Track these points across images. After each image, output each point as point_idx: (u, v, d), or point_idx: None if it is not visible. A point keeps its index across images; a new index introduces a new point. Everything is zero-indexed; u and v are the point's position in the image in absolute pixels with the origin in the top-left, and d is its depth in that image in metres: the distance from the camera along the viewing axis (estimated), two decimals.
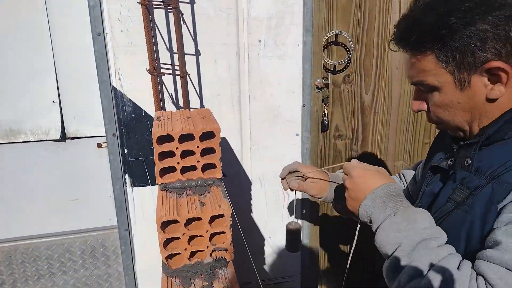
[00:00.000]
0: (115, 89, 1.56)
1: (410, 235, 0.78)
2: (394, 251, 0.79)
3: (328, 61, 1.85)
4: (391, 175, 0.99)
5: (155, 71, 1.45)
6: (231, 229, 1.03)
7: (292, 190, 1.22)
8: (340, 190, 1.14)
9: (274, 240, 1.95)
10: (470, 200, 0.79)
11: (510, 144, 0.79)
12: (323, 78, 1.83)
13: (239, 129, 1.73)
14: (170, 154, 1.12)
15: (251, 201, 1.82)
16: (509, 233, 0.69)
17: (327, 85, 1.89)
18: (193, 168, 1.15)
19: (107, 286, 1.93)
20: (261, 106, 1.71)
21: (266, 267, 1.99)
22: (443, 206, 0.86)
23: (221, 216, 1.02)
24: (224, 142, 1.73)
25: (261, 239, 1.93)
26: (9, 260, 1.77)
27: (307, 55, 1.69)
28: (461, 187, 0.83)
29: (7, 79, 1.55)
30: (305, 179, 1.20)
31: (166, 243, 1.02)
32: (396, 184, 0.89)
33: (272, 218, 1.90)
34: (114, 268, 1.91)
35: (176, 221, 1.00)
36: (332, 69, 1.90)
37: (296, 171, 1.21)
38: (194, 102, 1.65)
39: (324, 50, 1.83)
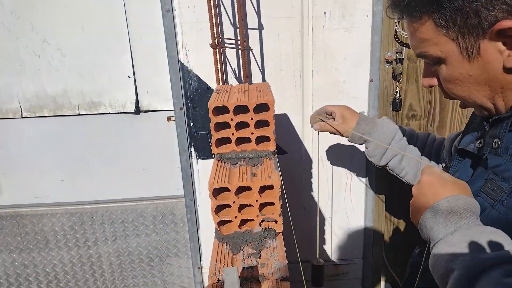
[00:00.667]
0: (182, 64, 1.63)
1: (466, 260, 0.60)
2: (447, 281, 0.63)
3: (403, 33, 1.72)
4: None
5: (217, 45, 1.48)
6: (280, 200, 1.03)
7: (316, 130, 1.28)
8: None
9: (335, 221, 1.91)
10: (511, 202, 0.64)
11: None
12: (396, 52, 1.71)
13: (301, 106, 1.70)
14: (226, 125, 1.14)
15: (312, 180, 1.79)
16: None
17: (401, 60, 1.76)
18: (247, 140, 1.16)
19: (175, 251, 2.07)
20: (324, 82, 1.66)
21: (326, 248, 1.97)
22: (475, 199, 0.72)
23: (271, 187, 1.02)
24: (285, 119, 1.72)
25: (322, 219, 1.90)
26: (91, 220, 1.98)
27: (376, 26, 1.59)
28: (494, 178, 0.69)
29: (88, 56, 1.70)
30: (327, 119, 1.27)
31: (218, 209, 1.06)
32: (468, 198, 0.69)
33: (334, 198, 1.86)
34: (181, 235, 2.03)
35: (228, 190, 1.03)
36: (408, 42, 1.77)
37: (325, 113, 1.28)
38: (257, 77, 1.65)
39: (398, 21, 1.70)
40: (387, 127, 1.20)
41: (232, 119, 1.13)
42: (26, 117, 1.78)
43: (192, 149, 1.76)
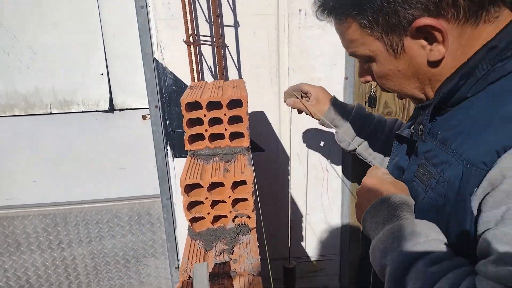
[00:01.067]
0: (157, 61, 1.61)
1: (395, 256, 0.65)
2: (384, 276, 0.68)
3: None
4: None
5: (191, 42, 1.47)
6: (253, 196, 1.03)
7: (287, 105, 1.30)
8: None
9: (312, 217, 1.92)
10: (440, 188, 0.67)
11: (476, 103, 0.67)
12: None
13: (278, 103, 1.70)
14: (200, 121, 1.13)
15: (289, 177, 1.80)
16: (498, 239, 0.55)
17: None
18: (221, 136, 1.16)
19: (152, 251, 2.04)
20: (301, 79, 1.66)
21: (304, 244, 1.98)
22: (411, 184, 0.77)
23: (244, 182, 1.02)
24: (262, 116, 1.72)
25: (299, 215, 1.91)
26: (65, 222, 1.93)
27: None
28: (425, 163, 0.73)
29: (60, 54, 1.66)
30: (302, 98, 1.28)
31: (191, 206, 1.04)
32: (403, 197, 0.75)
33: (311, 195, 1.87)
34: (158, 235, 2.00)
35: (200, 186, 1.02)
36: None
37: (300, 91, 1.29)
38: (233, 74, 1.65)
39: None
40: (357, 114, 1.23)
41: (205, 115, 1.12)
42: None
43: (168, 147, 1.74)
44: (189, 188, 1.04)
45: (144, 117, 1.79)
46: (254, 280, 0.88)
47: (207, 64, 1.62)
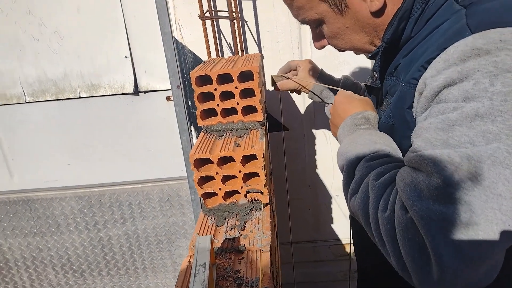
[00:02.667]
0: (176, 41, 1.59)
1: (348, 156, 0.76)
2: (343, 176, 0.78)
3: None
4: None
5: (206, 16, 1.44)
6: (265, 170, 0.99)
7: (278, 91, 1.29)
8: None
9: (342, 199, 1.84)
10: (389, 111, 0.78)
11: (418, 37, 0.73)
12: None
13: None
14: (212, 96, 1.10)
15: (316, 157, 1.73)
16: (415, 134, 0.63)
17: None
18: (234, 111, 1.12)
19: (183, 232, 2.06)
20: (324, 53, 1.58)
21: (334, 226, 1.91)
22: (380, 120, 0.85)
23: (255, 157, 0.98)
24: (285, 94, 1.66)
25: (327, 197, 1.84)
26: (99, 203, 2.00)
27: None
28: (387, 98, 0.81)
29: (85, 38, 1.69)
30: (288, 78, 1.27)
31: (202, 182, 1.03)
32: (368, 113, 0.85)
33: (339, 175, 1.79)
34: (188, 216, 2.02)
35: (211, 162, 1.00)
36: None
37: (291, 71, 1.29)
38: (253, 50, 1.60)
39: None
40: (345, 84, 1.24)
41: (216, 89, 1.09)
42: (30, 102, 1.81)
43: (192, 128, 1.74)
44: (200, 163, 1.02)
45: (168, 98, 1.79)
46: (262, 255, 0.85)
47: (226, 41, 1.59)
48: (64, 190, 1.97)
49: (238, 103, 1.10)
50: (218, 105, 1.10)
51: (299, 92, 1.29)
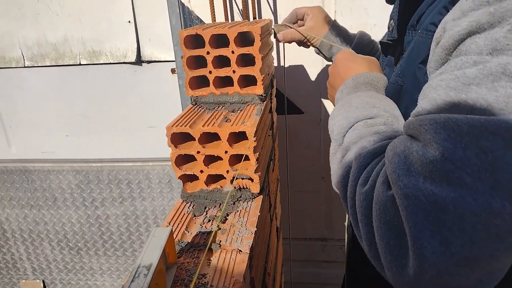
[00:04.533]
0: (183, 5, 1.42)
1: (339, 120, 0.64)
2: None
3: None
4: None
5: None
6: (257, 153, 0.81)
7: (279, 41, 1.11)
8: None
9: None
10: (399, 68, 0.67)
11: None
12: None
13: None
14: (205, 62, 0.93)
15: None
16: (421, 96, 0.48)
17: None
18: (230, 82, 0.95)
19: None
20: (350, 25, 1.37)
21: (347, 225, 1.71)
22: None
23: (245, 136, 0.80)
24: (301, 71, 1.47)
25: None
26: (97, 179, 1.88)
27: None
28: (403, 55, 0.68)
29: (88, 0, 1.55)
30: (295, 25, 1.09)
31: (182, 161, 0.86)
32: (373, 75, 0.72)
33: None
34: None
35: (193, 138, 0.83)
36: None
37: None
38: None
39: None
40: (361, 40, 1.07)
41: (208, 53, 0.91)
42: (28, 67, 1.69)
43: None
44: (180, 139, 0.86)
45: (173, 71, 1.63)
46: (238, 258, 0.67)
47: (237, 7, 1.40)
48: (62, 163, 1.87)
49: (234, 72, 0.92)
50: (210, 72, 0.93)
51: (306, 46, 1.11)
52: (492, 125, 0.37)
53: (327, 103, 1.51)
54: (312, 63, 1.46)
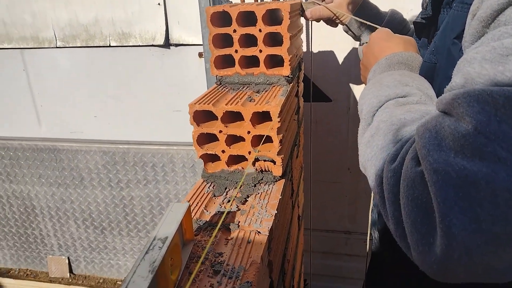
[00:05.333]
0: None
1: (369, 99, 0.61)
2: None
3: None
4: None
5: None
6: (280, 135, 0.78)
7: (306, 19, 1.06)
8: None
9: None
10: (432, 45, 0.66)
11: None
12: None
13: (350, 41, 1.38)
14: (231, 41, 0.91)
15: None
16: (456, 70, 0.45)
17: None
18: (256, 62, 0.92)
19: None
20: (384, 9, 1.31)
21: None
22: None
23: (269, 117, 0.78)
24: (330, 58, 1.42)
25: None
26: (123, 161, 1.91)
27: None
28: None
29: None
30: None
31: (204, 141, 0.85)
32: (408, 54, 0.69)
33: None
34: None
35: (216, 118, 0.81)
36: None
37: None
38: None
39: None
40: (392, 18, 1.03)
41: (235, 31, 0.89)
42: (60, 47, 1.72)
43: None
44: (203, 118, 0.84)
45: (200, 54, 1.62)
46: (257, 239, 0.65)
47: None
48: (89, 143, 1.90)
49: (261, 51, 0.89)
50: (236, 51, 0.91)
51: (335, 24, 1.07)
52: None
53: (357, 92, 1.46)
54: (343, 50, 1.41)
